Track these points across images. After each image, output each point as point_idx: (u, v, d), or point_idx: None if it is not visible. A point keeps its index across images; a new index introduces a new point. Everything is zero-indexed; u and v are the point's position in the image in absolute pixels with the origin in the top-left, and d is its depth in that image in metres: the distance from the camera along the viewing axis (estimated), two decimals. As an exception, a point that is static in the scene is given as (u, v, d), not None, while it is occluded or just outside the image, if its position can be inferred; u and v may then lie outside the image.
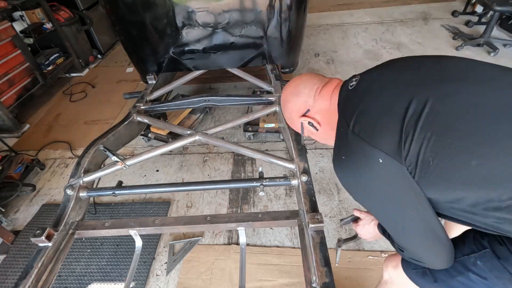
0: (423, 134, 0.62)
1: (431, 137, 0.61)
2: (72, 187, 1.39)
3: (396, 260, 0.96)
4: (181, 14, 2.05)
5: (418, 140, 0.62)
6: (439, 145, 0.61)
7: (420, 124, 0.62)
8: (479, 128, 0.59)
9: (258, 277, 1.60)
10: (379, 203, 0.75)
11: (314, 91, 0.83)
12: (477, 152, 0.59)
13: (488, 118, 0.60)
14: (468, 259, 0.74)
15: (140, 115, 1.98)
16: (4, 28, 2.73)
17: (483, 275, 0.72)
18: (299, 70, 3.35)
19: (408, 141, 0.63)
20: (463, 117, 0.61)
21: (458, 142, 0.60)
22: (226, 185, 1.54)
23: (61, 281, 1.67)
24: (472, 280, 0.74)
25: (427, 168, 0.62)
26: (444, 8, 4.47)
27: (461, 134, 0.60)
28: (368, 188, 0.73)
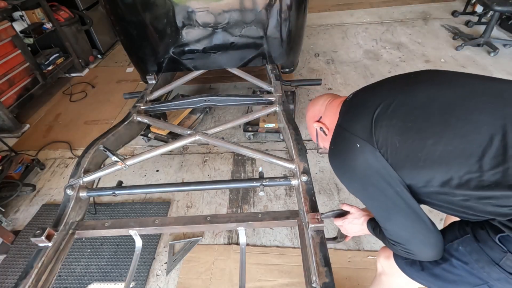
0: (389, 121, 0.77)
1: (396, 123, 0.76)
2: (72, 187, 1.39)
3: (388, 251, 0.99)
4: (181, 14, 2.05)
5: (386, 126, 0.77)
6: (402, 129, 0.75)
7: (387, 114, 0.78)
8: (433, 114, 0.73)
9: (258, 277, 1.60)
10: (361, 186, 0.84)
11: (326, 102, 1.01)
12: (431, 132, 0.72)
13: (441, 107, 0.74)
14: (451, 246, 0.79)
15: (140, 115, 1.98)
16: (4, 28, 2.73)
17: (464, 259, 0.76)
18: (299, 70, 3.35)
19: (377, 127, 0.77)
20: (420, 107, 0.76)
21: (416, 125, 0.74)
22: (226, 185, 1.53)
23: (61, 281, 1.67)
24: (455, 266, 0.78)
25: (395, 149, 0.75)
26: (444, 8, 4.47)
27: (418, 120, 0.74)
28: (351, 171, 0.84)
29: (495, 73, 3.01)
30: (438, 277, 0.82)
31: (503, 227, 0.68)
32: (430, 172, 0.72)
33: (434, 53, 3.45)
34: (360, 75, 3.21)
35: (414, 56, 3.44)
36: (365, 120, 0.80)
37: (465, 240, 0.76)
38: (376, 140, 0.77)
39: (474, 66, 3.17)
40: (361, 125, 0.81)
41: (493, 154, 0.66)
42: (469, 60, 3.28)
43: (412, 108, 0.76)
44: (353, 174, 0.84)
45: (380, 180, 0.78)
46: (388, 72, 3.21)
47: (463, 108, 0.72)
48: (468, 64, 3.20)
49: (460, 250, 0.77)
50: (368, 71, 3.27)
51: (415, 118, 0.75)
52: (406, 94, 0.80)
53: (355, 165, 0.81)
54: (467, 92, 0.75)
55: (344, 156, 0.85)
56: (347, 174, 0.87)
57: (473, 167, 0.67)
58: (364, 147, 0.78)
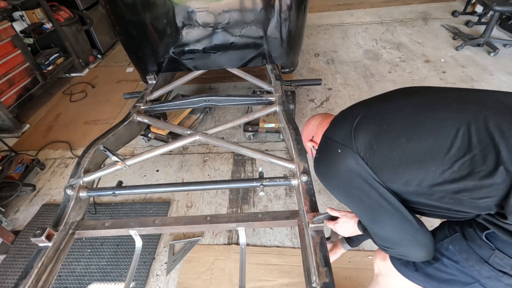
0: (366, 125, 0.82)
1: (372, 127, 0.81)
2: (72, 187, 1.39)
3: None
4: (181, 14, 2.05)
5: (363, 130, 0.82)
6: (378, 132, 0.80)
7: (365, 120, 0.84)
8: (405, 117, 0.79)
9: (258, 277, 1.60)
10: (345, 190, 0.87)
11: (317, 122, 1.06)
12: (404, 131, 0.77)
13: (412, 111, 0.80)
14: (442, 245, 0.80)
15: (140, 115, 1.98)
16: (4, 28, 2.73)
17: (454, 258, 0.77)
18: (299, 70, 3.35)
19: (356, 132, 0.82)
20: (393, 112, 0.82)
21: (390, 127, 0.79)
22: (226, 185, 1.53)
23: (61, 281, 1.67)
24: (446, 265, 0.79)
25: (373, 151, 0.79)
26: (444, 8, 4.47)
27: (392, 122, 0.80)
28: (334, 177, 0.87)
29: (495, 73, 3.02)
30: (432, 277, 0.83)
31: (487, 224, 0.69)
32: (406, 170, 0.75)
33: (434, 53, 3.45)
34: (360, 75, 3.21)
35: (414, 56, 3.44)
36: (346, 128, 0.85)
37: (455, 238, 0.77)
38: (355, 144, 0.81)
39: (474, 66, 3.17)
40: (342, 132, 0.86)
41: (459, 144, 0.69)
42: (469, 60, 3.28)
43: (386, 113, 0.83)
44: (337, 179, 0.87)
45: (362, 183, 0.80)
46: (388, 72, 3.21)
47: (431, 109, 0.78)
48: (468, 64, 3.20)
49: (450, 249, 0.78)
50: (368, 71, 3.27)
51: (389, 121, 0.80)
52: (382, 103, 0.88)
53: (338, 170, 0.85)
54: (436, 97, 0.82)
55: (327, 162, 0.89)
56: (331, 180, 0.90)
57: (443, 160, 0.70)
58: (345, 152, 0.82)
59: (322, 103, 2.87)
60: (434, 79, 3.04)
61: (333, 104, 2.84)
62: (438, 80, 3.02)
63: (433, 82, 3.00)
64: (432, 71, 3.16)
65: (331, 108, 2.78)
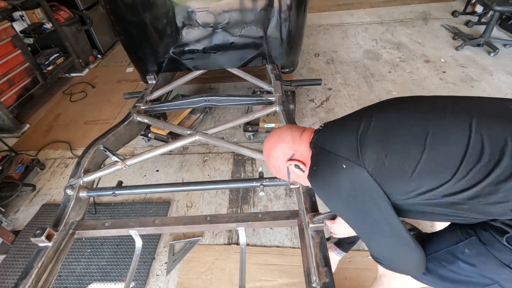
0: (373, 138, 0.77)
1: (380, 139, 0.76)
2: (72, 187, 1.39)
3: None
4: (181, 14, 2.05)
5: (371, 144, 0.76)
6: (387, 144, 0.75)
7: (370, 132, 0.78)
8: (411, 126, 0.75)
9: (258, 277, 1.60)
10: (346, 207, 0.83)
11: (296, 137, 0.94)
12: (414, 141, 0.73)
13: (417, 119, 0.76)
14: (457, 248, 0.79)
15: (140, 115, 1.98)
16: (4, 28, 2.72)
17: (471, 262, 0.76)
18: (299, 70, 3.35)
19: (363, 146, 0.77)
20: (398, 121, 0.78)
21: (399, 138, 0.75)
22: (226, 185, 1.54)
23: (61, 281, 1.67)
24: (462, 268, 0.78)
25: (383, 165, 0.74)
26: (444, 8, 4.47)
27: (400, 132, 0.76)
28: (336, 193, 0.82)
29: (495, 73, 3.02)
30: (446, 278, 0.83)
31: (507, 228, 0.68)
32: (419, 182, 0.72)
33: (434, 53, 3.45)
34: (360, 75, 3.21)
35: (414, 56, 3.44)
36: (349, 140, 0.79)
37: (471, 242, 0.75)
38: (363, 160, 0.76)
39: (474, 66, 3.17)
40: (345, 145, 0.80)
41: (473, 151, 0.67)
42: (469, 60, 3.28)
43: (391, 122, 0.78)
44: (339, 195, 0.83)
45: (366, 201, 0.78)
46: (388, 72, 3.21)
47: (437, 116, 0.75)
48: (468, 64, 3.20)
49: (466, 252, 0.76)
50: (368, 71, 3.27)
51: (397, 131, 0.76)
52: (382, 112, 0.82)
53: (341, 186, 0.80)
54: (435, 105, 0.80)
55: (329, 177, 0.82)
56: (332, 196, 0.85)
57: (459, 169, 0.68)
58: (351, 168, 0.77)
59: (322, 103, 2.87)
60: (434, 79, 3.04)
61: (333, 104, 2.84)
62: (438, 80, 3.02)
63: (433, 82, 3.00)
64: (432, 71, 3.16)
65: (331, 108, 2.79)
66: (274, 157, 0.96)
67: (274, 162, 0.97)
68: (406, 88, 2.96)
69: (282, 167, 0.96)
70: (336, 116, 2.67)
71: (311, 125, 2.61)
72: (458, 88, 2.88)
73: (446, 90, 2.86)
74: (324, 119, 2.66)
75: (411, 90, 2.91)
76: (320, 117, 2.69)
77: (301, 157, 0.92)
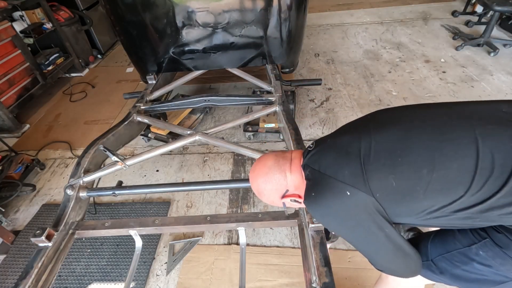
0: (378, 163, 0.73)
1: (385, 162, 0.73)
2: (72, 187, 1.39)
3: None
4: (181, 14, 2.05)
5: (377, 169, 0.73)
6: (393, 167, 0.72)
7: (372, 156, 0.74)
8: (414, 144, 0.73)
9: (258, 277, 1.60)
10: (350, 231, 0.82)
11: (285, 173, 0.88)
12: (421, 161, 0.70)
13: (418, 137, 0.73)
14: (470, 250, 0.79)
15: (140, 115, 1.98)
16: (4, 28, 2.72)
17: (486, 263, 0.76)
18: (299, 70, 3.35)
19: (369, 172, 0.73)
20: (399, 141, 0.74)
21: (404, 159, 0.72)
22: (226, 185, 1.54)
23: (61, 281, 1.67)
24: (477, 269, 0.78)
25: (392, 189, 0.72)
26: (444, 8, 4.47)
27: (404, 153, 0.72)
28: (339, 219, 0.81)
29: (495, 73, 3.02)
30: (460, 278, 0.83)
31: None
32: (431, 201, 0.71)
33: (434, 53, 3.45)
34: (360, 75, 3.21)
35: (414, 56, 3.44)
36: (352, 166, 0.75)
37: (485, 244, 0.75)
38: (370, 186, 0.73)
39: (474, 66, 3.17)
40: (349, 171, 0.75)
41: (484, 164, 0.66)
42: (469, 60, 3.28)
43: (393, 143, 0.75)
44: (342, 221, 0.81)
45: (371, 226, 0.76)
46: (388, 72, 3.21)
47: (439, 131, 0.72)
48: (468, 64, 3.20)
49: (481, 254, 0.76)
50: (368, 71, 3.27)
51: (401, 152, 0.73)
52: (379, 131, 0.78)
53: (345, 214, 0.78)
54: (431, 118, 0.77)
55: (331, 205, 0.78)
56: (334, 221, 0.83)
57: (472, 184, 0.67)
58: (356, 195, 0.74)
59: (322, 103, 2.87)
60: (434, 79, 3.04)
61: (333, 104, 2.84)
62: (438, 80, 3.02)
63: (433, 82, 3.00)
64: (432, 71, 3.16)
65: (331, 108, 2.78)
66: (266, 195, 0.92)
67: (267, 198, 0.93)
68: (406, 88, 2.96)
69: (277, 202, 0.92)
70: (336, 116, 2.68)
71: (311, 125, 2.61)
72: (458, 88, 2.88)
73: (446, 90, 2.86)
74: (324, 119, 2.66)
75: (411, 90, 2.91)
76: (320, 117, 2.69)
77: (296, 189, 0.88)
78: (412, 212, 0.74)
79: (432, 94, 2.84)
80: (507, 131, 0.68)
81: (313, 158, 0.84)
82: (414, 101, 2.77)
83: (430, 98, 2.78)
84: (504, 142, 0.67)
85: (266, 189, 0.89)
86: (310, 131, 2.56)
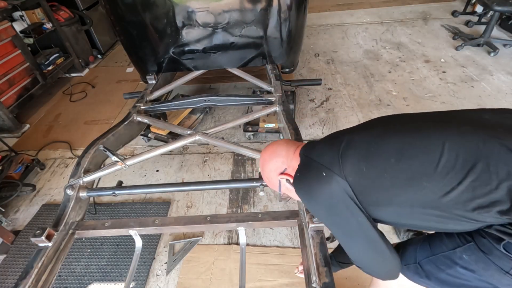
0: (354, 150, 0.81)
1: (360, 151, 0.81)
2: (72, 187, 1.39)
3: None
4: (181, 14, 2.05)
5: (351, 155, 0.81)
6: (366, 155, 0.80)
7: (352, 145, 0.83)
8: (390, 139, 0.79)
9: (258, 277, 1.60)
10: (326, 213, 0.87)
11: (290, 152, 0.96)
12: (392, 151, 0.77)
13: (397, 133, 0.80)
14: (454, 253, 0.79)
15: (140, 115, 1.98)
16: (4, 28, 2.73)
17: (470, 267, 0.76)
18: (299, 70, 3.35)
19: (344, 157, 0.81)
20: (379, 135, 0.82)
21: (378, 150, 0.79)
22: (226, 185, 1.54)
23: (61, 281, 1.67)
24: (461, 273, 0.78)
25: (362, 175, 0.78)
26: (444, 8, 4.47)
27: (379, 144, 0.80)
28: (316, 199, 0.85)
29: (495, 73, 3.02)
30: (444, 282, 0.83)
31: (502, 234, 0.68)
32: (398, 190, 0.76)
33: (434, 53, 3.45)
34: (360, 75, 3.21)
35: (414, 56, 3.44)
36: (332, 152, 0.84)
37: (469, 248, 0.75)
38: (343, 169, 0.79)
39: (474, 66, 3.17)
40: (328, 155, 0.84)
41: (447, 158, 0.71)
42: (469, 60, 3.28)
43: (372, 137, 0.83)
44: (319, 201, 0.86)
45: (344, 210, 0.81)
46: (388, 72, 3.21)
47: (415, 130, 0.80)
48: (468, 64, 3.20)
49: (464, 258, 0.76)
50: (368, 71, 3.27)
51: (377, 144, 0.80)
52: (365, 129, 0.88)
53: (321, 193, 0.83)
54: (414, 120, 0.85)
55: (310, 183, 0.86)
56: (313, 201, 0.88)
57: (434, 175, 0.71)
58: (330, 177, 0.80)
59: (322, 103, 2.87)
60: (434, 79, 3.04)
61: (333, 104, 2.84)
62: (438, 80, 3.02)
63: (433, 82, 3.00)
64: (432, 71, 3.16)
65: (331, 108, 2.78)
66: (267, 170, 0.99)
67: (267, 174, 1.00)
68: (406, 88, 2.96)
69: (274, 180, 0.98)
70: (336, 116, 2.68)
71: (311, 125, 2.61)
72: (458, 88, 2.88)
73: (446, 90, 2.86)
74: (324, 119, 2.66)
75: (411, 90, 2.91)
76: (320, 117, 2.69)
77: (293, 171, 0.94)
78: (384, 203, 0.78)
79: (432, 94, 2.84)
80: (478, 132, 0.72)
81: (307, 147, 0.94)
82: (414, 101, 2.77)
83: (430, 98, 2.78)
84: (473, 141, 0.70)
85: (270, 163, 0.98)
86: (310, 131, 2.56)
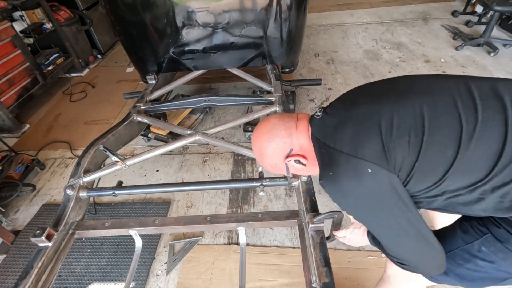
0: (401, 139, 0.69)
1: (409, 140, 0.68)
2: (72, 187, 1.39)
3: None
4: (181, 14, 2.05)
5: (400, 146, 0.69)
6: (417, 145, 0.68)
7: (395, 132, 0.69)
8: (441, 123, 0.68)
9: (258, 277, 1.60)
10: (371, 213, 0.77)
11: (291, 130, 0.84)
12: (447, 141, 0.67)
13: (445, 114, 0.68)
14: (472, 247, 0.78)
15: (140, 115, 1.98)
16: (4, 28, 2.72)
17: (489, 259, 0.75)
18: (299, 70, 3.35)
19: (391, 149, 0.69)
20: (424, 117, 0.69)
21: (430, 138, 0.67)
22: (226, 185, 1.54)
23: (61, 281, 1.67)
24: (480, 266, 0.78)
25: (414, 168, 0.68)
26: (444, 8, 4.47)
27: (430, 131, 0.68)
28: (359, 199, 0.75)
29: (495, 73, 3.01)
30: (464, 277, 0.83)
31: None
32: (451, 182, 0.68)
33: (434, 53, 3.45)
34: (360, 75, 3.21)
35: (414, 56, 3.44)
36: (372, 142, 0.70)
37: (487, 240, 0.75)
38: (393, 164, 0.69)
39: (474, 66, 3.17)
40: (369, 147, 0.70)
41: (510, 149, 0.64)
42: (469, 60, 3.27)
43: (417, 119, 0.69)
44: (362, 202, 0.75)
45: (394, 207, 0.72)
46: (388, 72, 3.21)
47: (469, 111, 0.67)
48: (468, 64, 3.20)
49: (483, 250, 0.76)
50: (368, 71, 3.27)
51: (426, 130, 0.68)
52: (400, 103, 0.73)
53: (366, 192, 0.72)
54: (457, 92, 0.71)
55: (351, 183, 0.73)
56: (354, 202, 0.77)
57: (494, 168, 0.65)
58: (377, 173, 0.69)
59: (322, 103, 2.87)
60: (434, 79, 3.03)
61: (333, 104, 2.83)
62: (438, 80, 3.02)
63: (433, 82, 2.99)
64: (432, 71, 3.15)
65: (331, 108, 2.78)
66: (269, 156, 0.86)
67: (269, 161, 0.88)
68: (406, 88, 2.95)
69: (280, 165, 0.87)
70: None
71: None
72: (458, 88, 2.87)
73: (446, 90, 2.86)
74: (324, 119, 2.66)
75: (411, 90, 2.91)
76: (320, 117, 2.69)
77: (301, 150, 0.84)
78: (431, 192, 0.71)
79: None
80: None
81: (326, 132, 0.79)
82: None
83: (430, 98, 2.78)
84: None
85: (270, 148, 0.84)
86: (310, 131, 2.56)
